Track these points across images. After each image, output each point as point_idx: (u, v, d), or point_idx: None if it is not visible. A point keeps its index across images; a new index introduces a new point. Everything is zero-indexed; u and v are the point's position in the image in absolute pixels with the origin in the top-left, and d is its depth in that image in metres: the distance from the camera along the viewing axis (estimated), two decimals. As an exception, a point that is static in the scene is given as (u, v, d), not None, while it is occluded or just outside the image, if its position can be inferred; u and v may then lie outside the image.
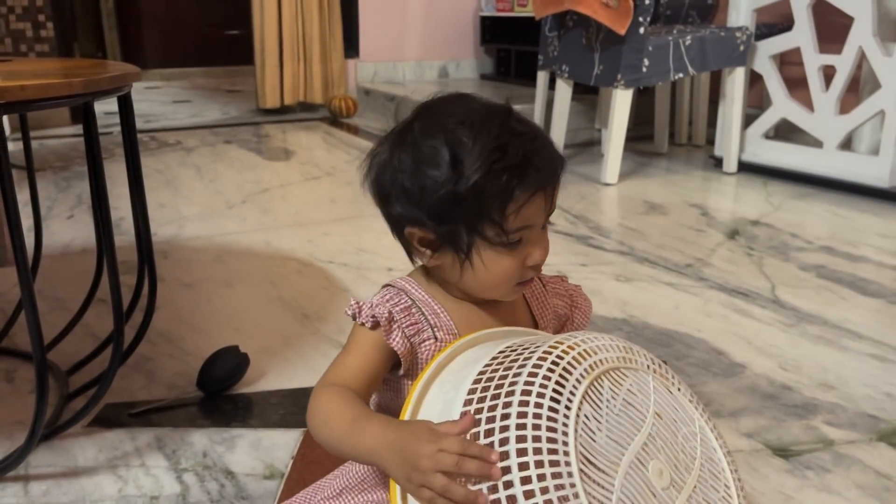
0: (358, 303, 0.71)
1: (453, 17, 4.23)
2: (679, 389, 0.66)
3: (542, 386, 0.57)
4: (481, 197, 0.65)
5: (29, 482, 0.96)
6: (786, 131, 2.68)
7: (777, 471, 0.99)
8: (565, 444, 0.55)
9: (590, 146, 3.12)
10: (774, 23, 2.74)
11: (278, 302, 1.55)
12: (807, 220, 2.12)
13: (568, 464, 0.54)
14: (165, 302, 1.51)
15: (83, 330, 1.35)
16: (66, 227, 2.05)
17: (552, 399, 0.56)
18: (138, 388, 1.20)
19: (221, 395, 1.18)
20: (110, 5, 5.79)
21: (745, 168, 2.64)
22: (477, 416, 0.58)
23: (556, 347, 0.61)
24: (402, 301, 0.71)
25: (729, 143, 2.62)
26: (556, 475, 0.53)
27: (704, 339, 1.38)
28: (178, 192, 2.43)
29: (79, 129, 3.38)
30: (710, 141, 2.90)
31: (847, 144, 2.44)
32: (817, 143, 2.47)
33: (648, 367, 0.65)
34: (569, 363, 0.59)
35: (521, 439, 0.54)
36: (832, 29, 2.39)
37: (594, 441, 0.57)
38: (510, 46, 4.09)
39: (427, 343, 0.71)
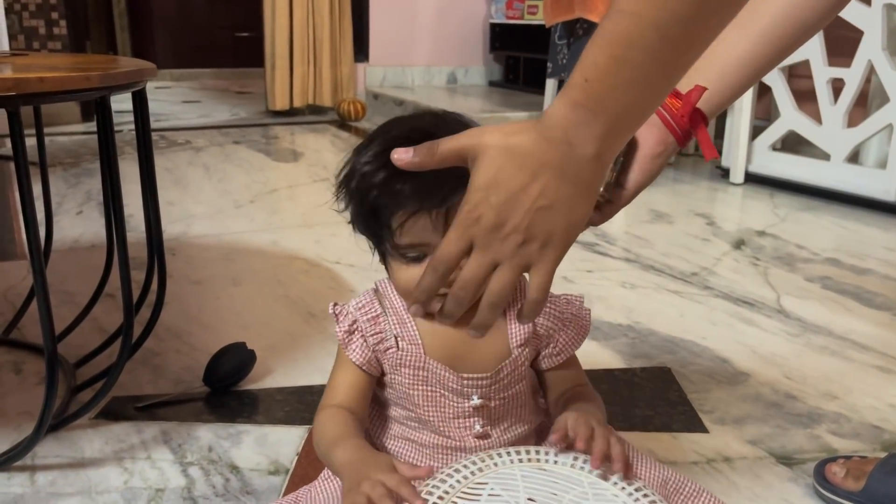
0: (336, 308, 0.74)
1: (463, 24, 4.25)
2: (556, 462, 0.66)
3: None
4: (364, 208, 0.68)
5: (36, 472, 0.97)
6: (793, 143, 2.68)
7: (780, 479, 0.99)
8: None
9: (597, 154, 3.13)
10: (784, 35, 2.74)
11: (285, 301, 1.55)
12: (813, 232, 2.12)
13: None
14: (173, 298, 1.52)
15: (91, 324, 1.36)
16: (75, 222, 2.06)
17: None
18: (145, 382, 1.21)
19: (227, 390, 1.18)
20: (122, 5, 5.83)
21: (752, 179, 2.64)
22: None
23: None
24: (373, 309, 0.73)
25: (736, 153, 2.62)
26: None
27: (709, 346, 1.38)
28: (187, 191, 2.44)
29: (88, 126, 3.40)
30: (717, 151, 2.90)
31: (854, 157, 2.44)
32: (825, 156, 2.47)
33: (513, 460, 0.65)
34: None
35: None
36: (841, 42, 2.40)
37: None
38: (519, 54, 4.11)
39: (390, 352, 0.72)
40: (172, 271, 1.66)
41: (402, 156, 0.57)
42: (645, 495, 0.63)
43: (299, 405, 1.15)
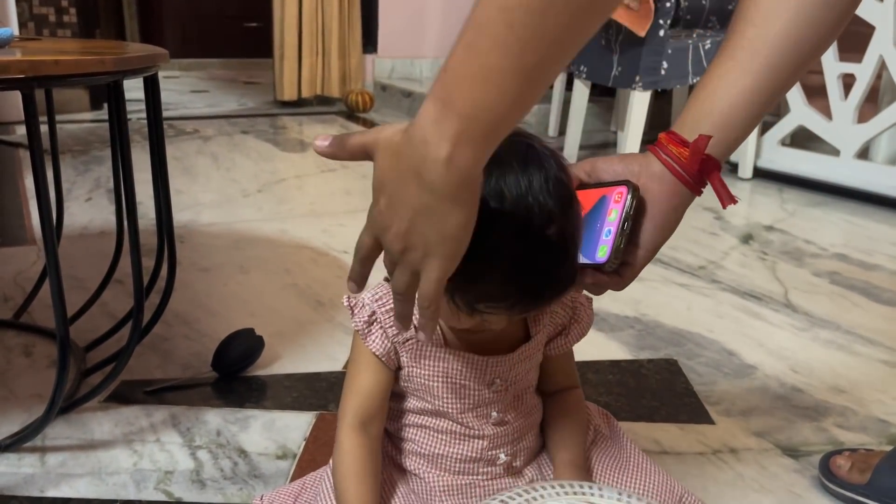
0: (350, 300, 0.72)
1: (472, 16, 4.24)
2: (602, 496, 0.62)
3: None
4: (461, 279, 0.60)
5: (46, 453, 0.98)
6: (802, 139, 2.67)
7: (786, 470, 1.00)
8: None
9: (605, 148, 3.13)
10: (795, 30, 2.73)
11: (293, 289, 1.56)
12: (821, 228, 2.12)
13: None
14: (182, 285, 1.52)
15: (100, 309, 1.37)
16: (84, 209, 2.07)
17: None
18: (154, 366, 1.21)
19: (236, 376, 1.19)
20: (132, -6, 5.83)
21: (761, 174, 2.64)
22: None
23: None
24: (390, 300, 0.70)
25: (745, 149, 2.61)
26: None
27: (716, 339, 1.38)
28: (196, 180, 2.44)
29: (97, 114, 3.41)
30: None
31: (864, 154, 2.44)
32: (834, 152, 2.46)
33: (558, 493, 0.61)
34: None
35: None
36: (853, 37, 2.39)
37: None
38: (528, 47, 4.10)
39: (410, 343, 0.70)
40: (181, 258, 1.66)
41: (319, 143, 0.58)
42: None
43: (307, 391, 1.15)
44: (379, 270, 0.58)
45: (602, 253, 0.64)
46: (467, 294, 0.60)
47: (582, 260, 0.63)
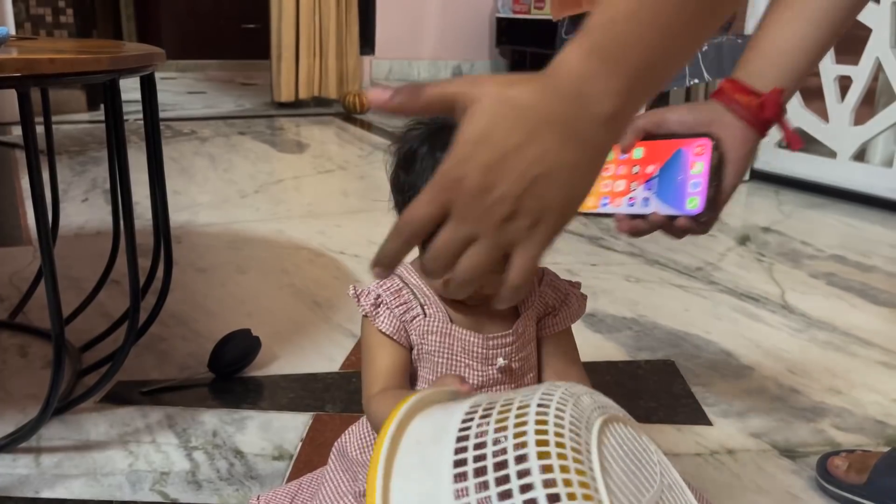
0: (356, 289, 0.74)
1: (469, 18, 4.25)
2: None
3: (557, 416, 0.43)
4: (408, 175, 0.67)
5: (41, 454, 0.97)
6: (799, 141, 2.67)
7: (784, 471, 1.00)
8: (591, 469, 0.41)
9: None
10: (792, 32, 2.73)
11: (290, 289, 1.55)
12: (818, 229, 2.12)
13: (597, 490, 0.40)
14: (179, 285, 1.52)
15: (96, 309, 1.36)
16: (80, 209, 2.06)
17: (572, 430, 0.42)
18: (150, 367, 1.21)
19: (232, 377, 1.19)
20: (129, -5, 5.83)
21: (758, 176, 2.64)
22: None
23: (551, 393, 0.46)
24: (394, 285, 0.73)
25: (742, 150, 2.61)
26: (583, 484, 0.39)
27: (714, 340, 1.38)
28: (193, 180, 2.44)
29: (94, 115, 3.40)
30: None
31: (861, 155, 2.44)
32: (831, 154, 2.46)
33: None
34: (574, 405, 0.46)
35: (543, 455, 0.40)
36: (849, 40, 2.39)
37: (613, 479, 0.43)
38: (525, 48, 4.10)
39: (417, 320, 0.72)
40: (178, 259, 1.66)
41: (379, 96, 0.49)
42: None
43: (304, 392, 1.15)
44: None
45: (693, 204, 0.67)
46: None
47: (668, 210, 0.67)
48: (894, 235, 2.08)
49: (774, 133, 2.57)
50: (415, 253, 0.72)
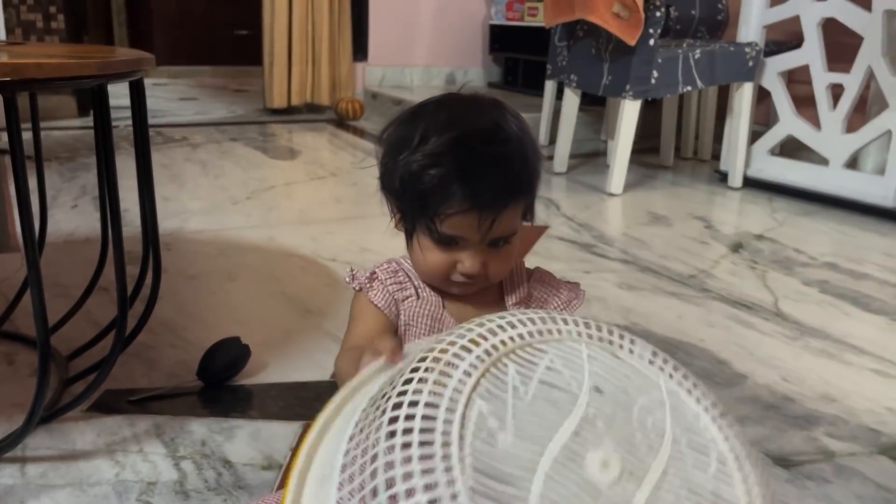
0: (353, 271, 0.79)
1: (462, 25, 4.25)
2: (632, 351, 0.53)
3: (411, 404, 0.45)
4: (414, 192, 0.70)
5: (26, 464, 0.96)
6: (792, 149, 2.68)
7: (778, 480, 0.99)
8: (448, 469, 0.42)
9: (595, 157, 3.13)
10: (784, 40, 2.74)
11: (281, 297, 1.54)
12: (811, 237, 2.12)
13: (454, 496, 0.41)
14: (168, 292, 1.51)
15: (84, 317, 1.35)
16: (70, 216, 2.05)
17: (426, 414, 0.45)
18: (139, 375, 1.19)
19: (221, 385, 1.17)
20: (121, 1, 5.81)
21: (751, 183, 2.64)
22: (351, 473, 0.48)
23: (434, 348, 0.49)
24: (391, 266, 0.79)
25: (735, 157, 2.62)
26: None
27: (707, 348, 1.37)
28: (184, 187, 2.43)
29: (85, 121, 3.38)
30: (716, 156, 2.91)
31: (853, 163, 2.44)
32: (823, 161, 2.47)
33: (580, 333, 0.52)
34: (449, 361, 0.47)
35: (389, 483, 0.43)
36: (841, 48, 2.40)
37: (494, 447, 0.44)
38: (518, 55, 4.10)
39: (409, 300, 0.76)
40: (167, 266, 1.65)
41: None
42: (731, 425, 0.51)
43: (293, 400, 1.14)
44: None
45: None
46: (426, 210, 0.69)
47: None
48: (887, 243, 2.08)
49: (767, 140, 2.58)
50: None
